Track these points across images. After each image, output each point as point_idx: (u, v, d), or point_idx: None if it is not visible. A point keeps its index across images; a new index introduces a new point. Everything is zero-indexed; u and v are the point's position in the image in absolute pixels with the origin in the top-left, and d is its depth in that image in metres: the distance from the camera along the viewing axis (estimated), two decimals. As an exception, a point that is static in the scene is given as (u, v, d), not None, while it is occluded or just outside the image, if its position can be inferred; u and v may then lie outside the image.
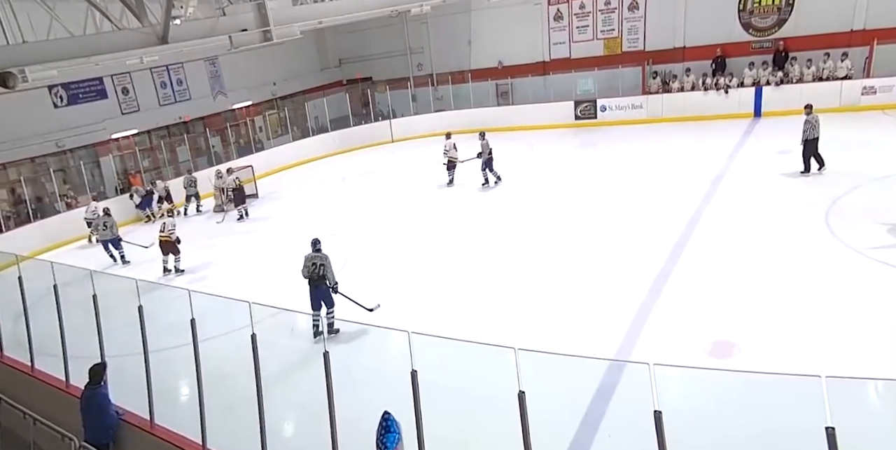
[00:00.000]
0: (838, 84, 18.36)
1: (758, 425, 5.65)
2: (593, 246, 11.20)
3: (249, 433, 5.55)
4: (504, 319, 8.77)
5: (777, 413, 5.46)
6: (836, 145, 15.11)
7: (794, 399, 3.51)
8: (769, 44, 19.99)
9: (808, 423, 3.31)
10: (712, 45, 20.44)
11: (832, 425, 3.17)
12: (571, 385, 6.69)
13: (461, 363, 6.54)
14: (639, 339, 7.87)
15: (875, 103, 17.87)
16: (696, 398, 5.73)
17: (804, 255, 9.64)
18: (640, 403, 3.67)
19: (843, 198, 11.70)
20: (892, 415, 6.06)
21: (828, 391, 3.14)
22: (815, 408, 3.17)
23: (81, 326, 9.54)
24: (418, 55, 25.70)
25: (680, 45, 21.24)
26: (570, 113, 21.69)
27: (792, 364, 6.66)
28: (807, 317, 7.87)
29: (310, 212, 16.17)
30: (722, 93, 19.60)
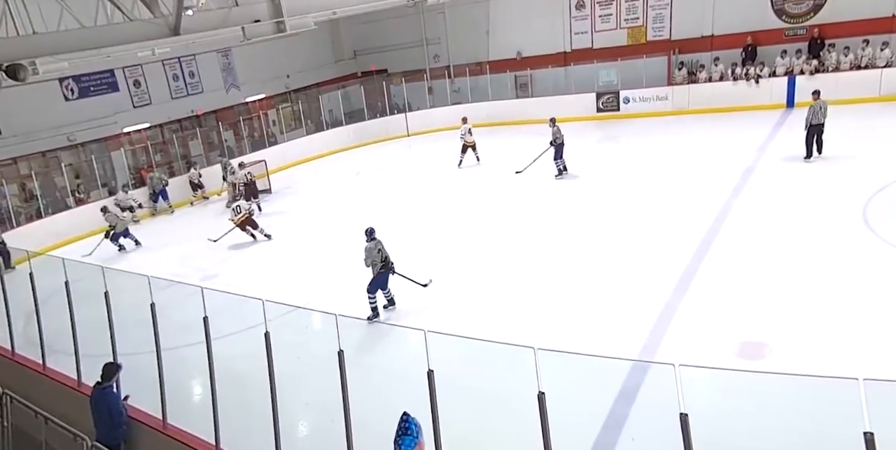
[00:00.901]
0: (878, 72, 18.02)
1: (790, 430, 5.59)
2: (617, 242, 11.12)
3: (263, 433, 5.58)
4: (524, 318, 8.75)
5: (811, 417, 5.40)
6: (875, 137, 14.89)
7: (830, 403, 3.45)
8: (803, 31, 19.65)
9: (844, 428, 3.26)
10: (742, 33, 20.13)
11: (871, 431, 3.10)
12: (593, 386, 6.65)
13: (479, 363, 6.54)
14: (664, 339, 7.81)
15: (919, 93, 17.51)
16: (725, 401, 5.67)
17: (840, 251, 9.50)
18: (665, 405, 3.63)
19: (882, 191, 11.50)
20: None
21: (866, 395, 3.08)
22: (852, 412, 3.11)
23: (93, 324, 9.68)
24: (435, 46, 25.65)
25: (708, 33, 20.96)
26: (592, 105, 21.54)
27: (827, 366, 6.56)
28: (842, 316, 7.75)
29: (324, 208, 16.25)
30: (752, 83, 19.33)
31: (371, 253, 9.36)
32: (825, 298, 8.25)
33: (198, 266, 13.06)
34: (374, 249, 9.35)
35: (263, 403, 5.63)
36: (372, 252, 9.36)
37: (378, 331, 8.82)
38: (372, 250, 9.36)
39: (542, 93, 23.02)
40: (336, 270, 11.78)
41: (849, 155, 13.94)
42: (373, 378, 6.61)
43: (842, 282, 8.59)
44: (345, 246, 13.00)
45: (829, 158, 13.91)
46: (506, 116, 22.41)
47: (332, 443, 5.26)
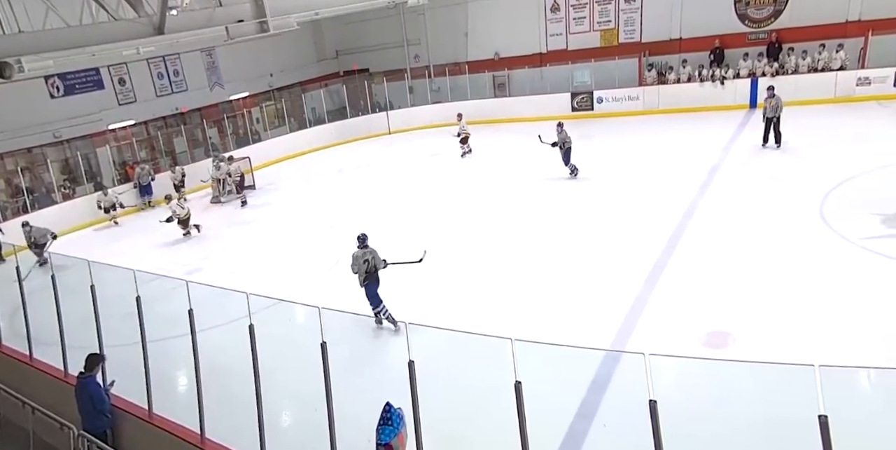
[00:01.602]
0: (833, 75, 18.34)
1: (752, 414, 5.68)
2: (590, 237, 11.20)
3: (247, 423, 5.55)
4: (501, 310, 8.77)
5: (771, 402, 5.49)
6: (831, 136, 15.15)
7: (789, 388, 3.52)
8: (765, 35, 19.91)
9: (801, 411, 3.32)
10: (708, 37, 20.33)
11: (825, 414, 3.17)
12: (567, 375, 6.70)
13: (458, 354, 6.54)
14: (634, 329, 7.89)
15: (870, 94, 17.84)
16: (691, 388, 5.75)
17: (799, 245, 9.66)
18: (635, 393, 3.67)
19: (838, 189, 11.70)
20: (884, 403, 6.09)
21: (821, 380, 3.14)
22: (808, 397, 3.18)
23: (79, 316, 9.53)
24: (415, 47, 25.55)
25: (676, 36, 21.13)
26: (567, 105, 21.60)
27: (786, 353, 6.68)
28: (801, 307, 7.89)
29: (307, 204, 16.13)
30: (718, 84, 19.54)
31: (356, 261, 8.64)
32: (785, 289, 8.39)
33: (182, 261, 12.91)
34: (359, 259, 8.62)
35: (248, 393, 5.59)
36: (358, 260, 8.62)
37: (360, 323, 8.78)
38: (358, 259, 8.63)
39: (519, 92, 23.03)
40: (319, 264, 11.72)
41: (806, 154, 14.19)
42: (355, 369, 6.59)
43: (801, 274, 8.74)
44: (327, 241, 12.96)
45: (787, 157, 14.15)
46: (484, 115, 22.39)
47: (315, 432, 5.24)
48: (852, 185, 11.86)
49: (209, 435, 6.03)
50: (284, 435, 6.50)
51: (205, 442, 6.00)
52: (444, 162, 18.29)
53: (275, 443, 5.59)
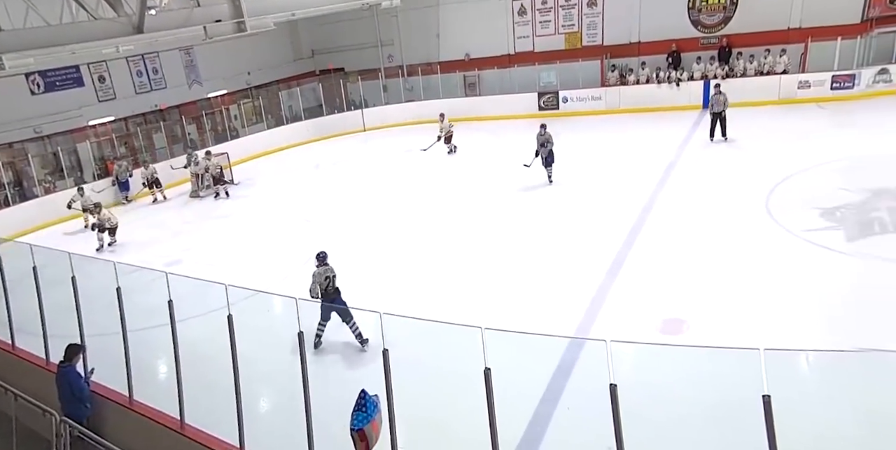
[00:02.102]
0: (777, 78, 18.75)
1: (704, 395, 5.80)
2: (555, 231, 11.28)
3: (226, 410, 5.48)
4: (472, 300, 8.79)
5: (721, 384, 5.60)
6: (775, 136, 15.49)
7: (737, 371, 3.60)
8: (716, 40, 20.23)
9: (748, 392, 3.39)
10: (665, 41, 20.57)
11: (768, 394, 3.26)
12: (534, 362, 6.74)
13: (431, 342, 6.54)
14: (596, 318, 7.98)
15: (810, 96, 18.27)
16: (649, 372, 5.84)
17: (747, 237, 9.86)
18: (597, 377, 3.71)
19: (782, 184, 11.98)
20: (822, 382, 6.27)
21: (765, 362, 3.22)
22: (754, 378, 3.26)
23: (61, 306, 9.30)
24: (389, 47, 25.34)
25: (635, 40, 21.33)
26: (534, 104, 21.65)
27: (735, 338, 6.83)
28: (749, 295, 8.07)
29: (284, 198, 15.94)
30: (674, 86, 19.81)
31: (316, 280, 7.81)
32: (734, 279, 8.57)
33: (161, 253, 12.66)
34: (320, 277, 7.81)
35: (227, 381, 5.52)
36: (317, 279, 7.81)
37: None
38: (317, 277, 7.81)
39: (488, 92, 23.01)
40: (296, 257, 11.61)
41: (753, 152, 14.48)
42: (331, 358, 6.55)
43: (748, 265, 8.94)
44: (305, 234, 12.84)
45: (736, 155, 14.44)
46: (455, 113, 22.20)
47: (292, 419, 5.20)
48: (795, 181, 12.14)
49: (189, 421, 5.95)
50: (262, 421, 6.45)
51: (184, 427, 5.93)
52: (418, 158, 18.21)
53: (253, 428, 5.54)
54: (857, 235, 9.52)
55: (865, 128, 15.16)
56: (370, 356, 4.56)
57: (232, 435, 5.48)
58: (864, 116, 16.17)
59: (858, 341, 6.53)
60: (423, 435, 5.94)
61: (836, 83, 18.06)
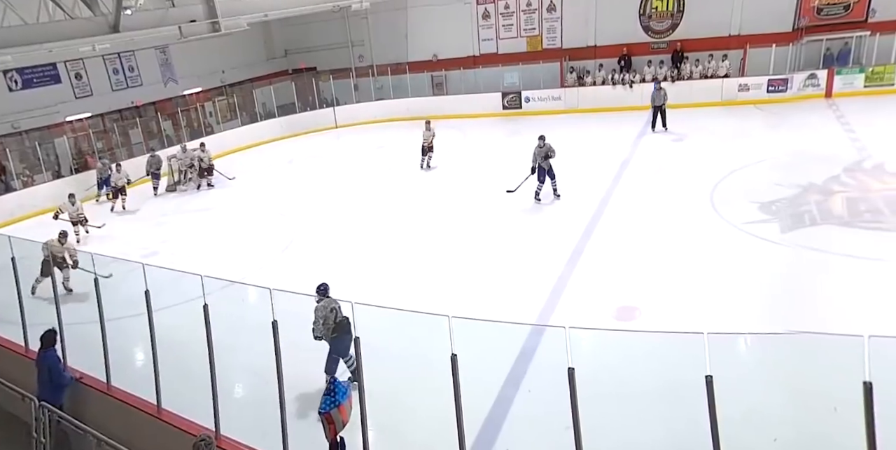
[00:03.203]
0: (720, 81, 19.14)
1: (655, 378, 5.90)
2: (518, 223, 11.33)
3: (202, 395, 5.38)
4: (439, 290, 8.77)
5: (670, 366, 5.71)
6: (718, 135, 15.84)
7: (683, 353, 3.67)
8: (665, 45, 20.53)
9: (693, 373, 3.45)
10: (619, 45, 20.79)
11: (711, 374, 3.34)
12: (498, 348, 6.76)
13: (401, 331, 6.51)
14: (557, 305, 8.03)
15: (749, 99, 18.70)
16: (604, 356, 5.92)
17: (693, 229, 10.06)
18: (556, 362, 3.74)
19: (724, 180, 12.24)
20: (759, 363, 6.44)
21: (708, 345, 3.29)
22: (699, 360, 3.33)
23: (39, 296, 9.01)
24: (360, 47, 25.04)
25: (592, 43, 21.50)
26: (498, 103, 21.67)
27: (682, 323, 6.97)
28: (695, 283, 8.24)
29: (259, 192, 15.65)
30: (627, 87, 20.04)
31: (320, 314, 6.26)
32: (682, 268, 8.73)
33: (139, 244, 12.33)
34: (324, 311, 6.27)
35: (203, 368, 5.41)
36: (320, 313, 6.27)
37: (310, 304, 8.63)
38: (320, 312, 6.27)
39: (455, 91, 22.92)
40: (270, 248, 11.44)
41: (699, 150, 14.77)
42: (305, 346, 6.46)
43: (694, 255, 9.12)
44: (279, 227, 12.65)
45: (683, 152, 14.71)
46: (424, 112, 22.12)
47: (266, 404, 5.13)
48: (736, 176, 12.43)
49: (166, 406, 5.83)
50: (238, 406, 6.33)
51: (161, 412, 5.81)
52: (389, 154, 18.09)
53: (228, 413, 5.45)
54: (790, 226, 9.79)
55: (797, 128, 15.61)
56: (342, 344, 4.54)
57: (208, 419, 5.39)
58: (795, 117, 16.63)
59: (791, 324, 6.72)
60: (393, 418, 5.93)
61: (772, 87, 18.54)
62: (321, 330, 6.25)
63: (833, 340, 5.19)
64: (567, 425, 3.76)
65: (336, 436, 4.90)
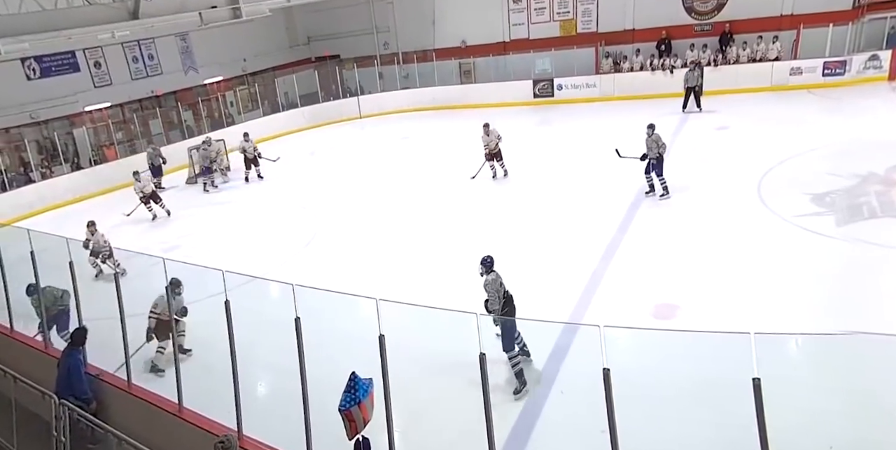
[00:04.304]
0: (769, 65, 18.63)
1: (696, 379, 5.81)
2: (551, 217, 11.23)
3: (224, 393, 5.47)
4: (465, 287, 8.71)
5: (713, 367, 5.62)
6: (767, 122, 15.44)
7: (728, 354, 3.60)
8: (709, 27, 20.05)
9: (739, 375, 3.39)
10: (659, 28, 20.40)
11: (758, 377, 3.27)
12: (529, 347, 6.73)
13: (427, 329, 6.52)
14: (590, 303, 7.97)
15: (801, 83, 18.19)
16: (641, 356, 5.84)
17: (739, 222, 9.85)
18: (590, 362, 3.71)
19: (774, 170, 11.95)
20: (810, 365, 6.29)
21: (756, 346, 3.22)
22: (745, 361, 3.26)
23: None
24: (384, 34, 25.07)
25: (630, 27, 21.13)
26: (529, 91, 21.51)
27: (727, 323, 6.84)
28: (741, 280, 8.07)
29: (280, 185, 15.84)
30: (668, 73, 19.68)
31: (492, 288, 6.44)
32: (726, 263, 8.56)
33: (159, 239, 12.61)
34: (496, 283, 6.47)
35: (224, 365, 5.50)
36: (493, 286, 6.44)
37: (332, 299, 8.68)
38: (493, 284, 6.44)
39: (483, 79, 22.83)
40: (293, 243, 11.57)
41: (746, 138, 14.42)
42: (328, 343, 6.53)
43: (741, 250, 8.93)
44: (301, 220, 12.79)
45: (729, 141, 14.38)
46: (450, 101, 22.23)
47: (289, 402, 5.19)
48: (786, 166, 12.12)
49: (187, 405, 5.95)
50: (260, 405, 6.45)
51: (182, 411, 5.92)
52: (414, 145, 18.13)
53: (251, 412, 5.54)
54: (847, 219, 9.52)
55: (855, 114, 15.13)
56: (367, 342, 4.54)
57: (230, 418, 5.48)
58: (854, 102, 16.13)
59: (847, 324, 6.55)
60: (420, 418, 5.96)
61: (828, 70, 17.98)
62: (496, 303, 6.34)
63: (893, 341, 5.02)
64: (602, 428, 3.72)
65: (357, 435, 4.93)
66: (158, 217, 13.96)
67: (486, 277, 6.45)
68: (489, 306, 6.39)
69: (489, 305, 6.39)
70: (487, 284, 6.41)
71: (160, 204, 14.03)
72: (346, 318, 7.96)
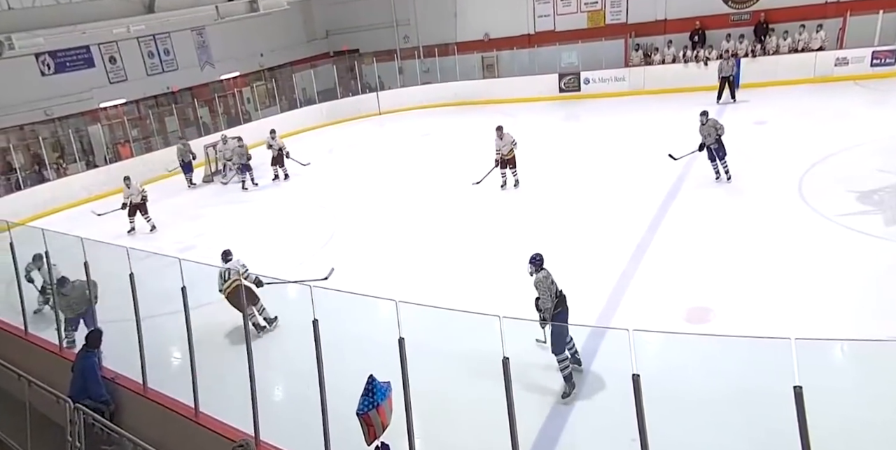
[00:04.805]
0: (812, 55, 18.28)
1: (732, 386, 5.73)
2: (577, 217, 11.16)
3: (241, 397, 5.53)
4: (488, 288, 8.74)
5: (750, 374, 5.53)
6: (810, 115, 15.16)
7: (766, 360, 3.54)
8: (747, 16, 19.76)
9: (778, 382, 3.33)
10: (693, 18, 20.16)
11: (800, 384, 3.20)
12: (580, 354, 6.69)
13: (448, 332, 6.52)
14: (619, 306, 7.90)
15: (847, 74, 17.81)
16: (673, 362, 5.78)
17: (777, 222, 9.68)
18: (619, 367, 3.67)
19: (817, 166, 11.73)
20: (856, 373, 6.16)
21: (797, 352, 3.16)
22: (784, 368, 3.20)
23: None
24: (405, 27, 25.15)
25: (661, 17, 20.93)
26: (555, 85, 21.42)
27: (765, 327, 6.72)
28: (779, 282, 7.92)
29: (298, 184, 15.98)
30: (701, 65, 19.43)
31: (543, 285, 6.30)
32: (764, 265, 8.41)
33: (175, 238, 12.79)
34: (548, 280, 6.33)
35: (241, 368, 5.56)
36: (544, 284, 6.30)
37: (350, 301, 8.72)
38: (545, 282, 6.30)
39: (507, 73, 22.80)
40: (310, 242, 11.66)
41: (786, 133, 14.17)
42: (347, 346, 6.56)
43: (779, 250, 8.77)
44: (319, 220, 12.88)
45: (768, 136, 14.14)
46: (473, 96, 22.22)
47: (307, 406, 5.23)
48: (830, 162, 11.88)
49: (203, 409, 6.02)
50: (278, 409, 6.50)
51: (199, 416, 5.99)
52: (435, 142, 18.14)
53: (268, 416, 5.59)
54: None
55: (906, 107, 14.79)
56: (385, 344, 4.56)
57: (246, 423, 5.54)
58: (905, 95, 15.77)
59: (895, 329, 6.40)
60: (440, 424, 5.95)
61: (877, 59, 17.56)
62: (549, 303, 6.24)
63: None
64: (633, 437, 3.69)
65: (376, 440, 4.95)
66: (136, 231, 13.21)
67: (536, 275, 6.36)
68: (541, 305, 6.29)
69: (541, 303, 6.30)
70: (538, 282, 6.30)
71: (146, 217, 13.24)
72: (365, 320, 8.01)
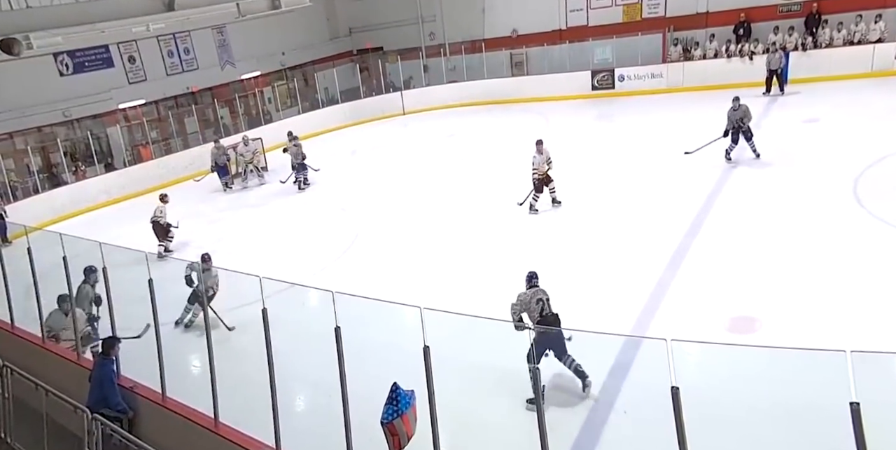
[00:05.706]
0: (870, 48, 17.87)
1: (780, 401, 5.63)
2: (611, 221, 11.09)
3: (261, 407, 5.59)
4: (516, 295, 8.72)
5: (800, 389, 5.43)
6: (867, 113, 14.82)
7: (818, 374, 3.47)
8: (797, 7, 19.40)
9: (832, 398, 3.27)
10: (737, 10, 19.88)
11: (857, 401, 3.12)
12: (587, 361, 6.64)
13: (474, 339, 6.53)
14: (656, 314, 7.83)
15: (910, 68, 17.40)
16: (715, 374, 5.71)
17: (830, 226, 9.51)
18: (656, 379, 3.64)
19: (874, 167, 11.48)
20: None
21: (853, 366, 3.09)
22: (839, 383, 3.13)
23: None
24: (430, 24, 25.29)
25: (703, 10, 20.70)
26: (587, 83, 21.33)
27: (816, 339, 6.59)
28: (832, 290, 7.78)
29: (319, 186, 16.14)
30: (746, 59, 19.16)
31: (522, 300, 6.49)
32: (815, 272, 8.27)
33: (194, 243, 12.98)
34: (533, 298, 6.47)
35: (262, 377, 5.63)
36: (524, 299, 6.50)
37: (373, 307, 8.78)
38: (524, 297, 6.52)
39: (537, 71, 22.75)
40: (332, 247, 11.77)
41: (840, 131, 13.89)
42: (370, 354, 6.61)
43: (832, 257, 8.61)
44: (341, 224, 12.99)
45: (820, 135, 13.88)
46: (501, 95, 22.22)
47: (329, 416, 5.27)
48: (888, 163, 11.61)
49: (223, 419, 6.10)
50: (299, 419, 6.57)
51: (219, 426, 6.06)
52: (461, 143, 18.18)
53: (289, 427, 5.64)
54: (961, 225, 9.06)
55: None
56: (409, 352, 4.58)
57: (267, 434, 5.60)
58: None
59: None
60: (468, 435, 5.95)
61: (942, 52, 17.13)
62: (516, 318, 6.34)
63: None
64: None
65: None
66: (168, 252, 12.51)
67: (525, 291, 6.62)
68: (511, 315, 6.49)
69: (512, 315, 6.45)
70: (518, 295, 6.58)
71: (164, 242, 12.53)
72: (389, 327, 8.05)
